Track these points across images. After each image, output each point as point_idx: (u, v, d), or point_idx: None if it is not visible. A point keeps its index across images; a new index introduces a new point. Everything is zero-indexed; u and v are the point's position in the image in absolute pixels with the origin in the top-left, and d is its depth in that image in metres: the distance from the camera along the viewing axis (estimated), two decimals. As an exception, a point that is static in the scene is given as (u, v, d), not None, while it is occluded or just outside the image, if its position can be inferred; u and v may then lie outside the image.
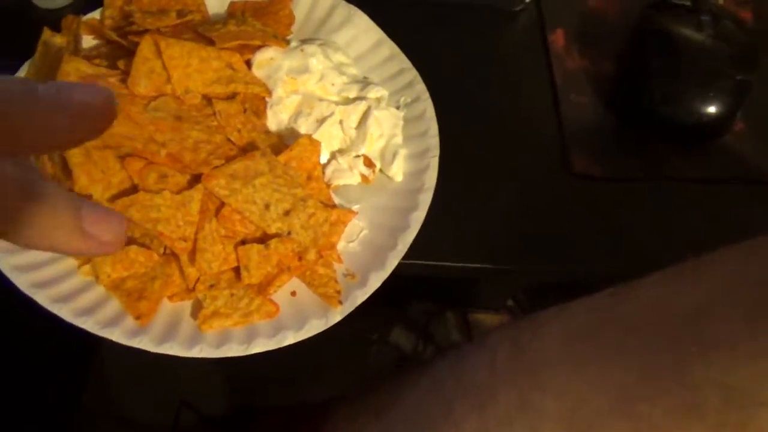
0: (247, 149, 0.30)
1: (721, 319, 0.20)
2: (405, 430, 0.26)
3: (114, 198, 0.27)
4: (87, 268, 0.28)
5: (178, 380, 0.51)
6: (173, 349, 0.27)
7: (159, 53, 0.29)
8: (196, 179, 0.28)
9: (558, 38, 0.39)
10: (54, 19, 0.34)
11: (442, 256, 0.32)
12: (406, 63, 0.35)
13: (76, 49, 0.32)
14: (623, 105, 0.37)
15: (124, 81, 0.29)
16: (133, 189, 0.28)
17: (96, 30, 0.34)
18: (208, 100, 0.30)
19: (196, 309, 0.28)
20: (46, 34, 0.33)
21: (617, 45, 0.38)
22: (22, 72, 0.33)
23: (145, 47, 0.29)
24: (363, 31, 0.36)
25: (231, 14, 0.35)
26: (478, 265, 0.32)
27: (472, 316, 0.59)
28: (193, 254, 0.28)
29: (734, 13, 0.39)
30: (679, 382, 0.20)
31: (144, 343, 0.27)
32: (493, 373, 0.24)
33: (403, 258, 0.30)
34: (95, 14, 0.35)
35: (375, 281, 0.29)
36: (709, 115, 0.34)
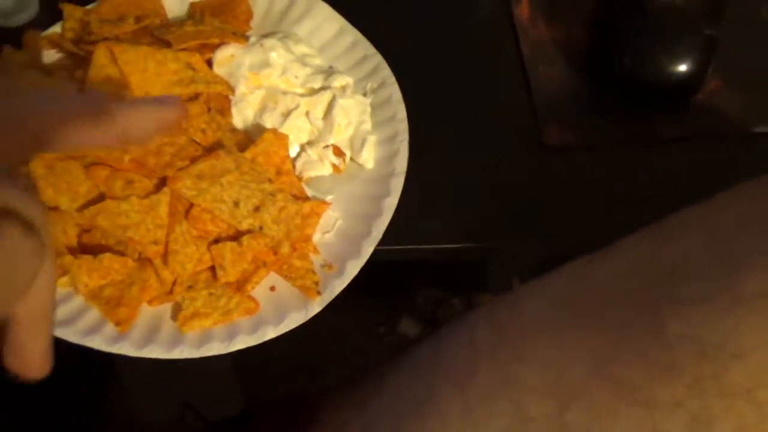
0: (213, 148, 0.30)
1: (693, 276, 0.20)
2: (388, 418, 0.26)
3: (81, 208, 0.28)
4: (65, 279, 0.28)
5: (184, 381, 0.52)
6: (154, 352, 0.27)
7: (114, 59, 0.29)
8: (162, 183, 0.28)
9: (523, 9, 0.39)
10: (15, 37, 0.34)
11: (418, 239, 0.32)
12: (370, 49, 0.35)
13: (36, 64, 0.32)
14: (594, 71, 0.36)
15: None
16: (101, 197, 0.28)
17: (56, 44, 0.34)
18: (169, 103, 0.30)
19: (176, 311, 0.28)
20: (6, 51, 0.33)
21: (583, 12, 0.38)
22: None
23: (100, 55, 0.29)
24: (325, 20, 0.36)
25: (189, 15, 0.35)
26: (456, 245, 0.32)
27: (477, 299, 0.59)
28: (165, 257, 0.28)
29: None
30: (655, 341, 0.20)
31: (125, 348, 0.27)
32: (473, 351, 0.24)
33: (379, 244, 0.30)
34: (56, 28, 0.35)
35: (352, 269, 0.29)
36: (681, 72, 0.34)
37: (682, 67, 0.34)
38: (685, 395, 0.19)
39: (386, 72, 0.34)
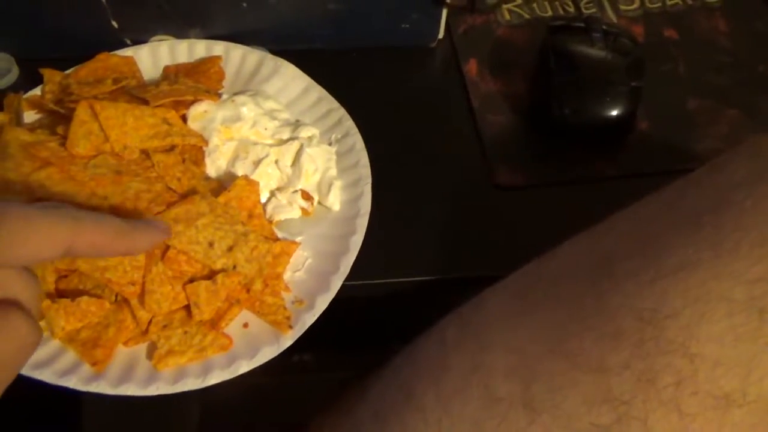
0: (188, 195, 0.32)
1: (625, 257, 0.24)
2: (372, 420, 0.27)
3: (61, 253, 0.29)
4: (41, 323, 0.29)
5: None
6: (130, 389, 0.28)
7: (95, 116, 0.31)
8: (140, 227, 0.30)
9: (472, 67, 0.43)
10: (-4, 100, 0.37)
11: (382, 274, 0.34)
12: (334, 104, 0.38)
13: (17, 123, 0.34)
14: (536, 118, 0.40)
15: (62, 144, 0.31)
16: (80, 243, 0.29)
17: (37, 104, 0.36)
18: (146, 154, 0.32)
19: (152, 350, 0.29)
20: (-12, 112, 0.35)
21: (525, 67, 0.42)
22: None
23: (82, 111, 0.31)
24: (291, 79, 0.39)
25: (165, 77, 0.38)
26: (419, 278, 0.34)
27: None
28: (142, 297, 0.29)
29: (626, 29, 0.44)
30: (600, 315, 0.23)
31: (101, 387, 0.27)
32: (444, 348, 0.26)
33: (347, 279, 0.32)
34: (36, 91, 0.37)
35: (322, 303, 0.31)
36: (610, 117, 0.38)
37: (612, 113, 0.38)
38: (630, 357, 0.22)
39: (349, 123, 0.37)
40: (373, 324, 0.42)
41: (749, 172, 0.24)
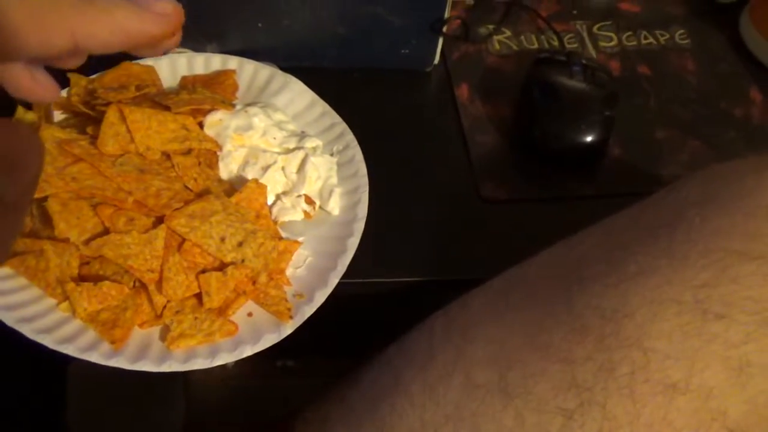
0: (203, 194, 0.35)
1: (593, 262, 0.28)
2: (363, 405, 0.31)
3: (89, 240, 0.32)
4: (65, 305, 0.32)
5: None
6: (146, 365, 0.31)
7: (123, 119, 0.34)
8: (159, 220, 0.33)
9: (463, 91, 0.47)
10: (25, 102, 0.39)
11: (376, 274, 0.37)
12: (336, 118, 0.42)
13: (49, 122, 0.37)
14: (519, 140, 0.44)
15: (93, 143, 0.34)
16: (105, 232, 0.32)
17: (64, 105, 0.39)
18: (167, 155, 0.35)
19: (164, 333, 0.32)
20: (20, 111, 0.38)
21: (511, 93, 0.46)
22: None
23: (111, 114, 0.34)
24: (298, 94, 0.43)
25: (183, 86, 0.41)
26: (409, 279, 0.38)
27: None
28: (160, 283, 0.32)
29: (603, 64, 0.48)
30: (569, 313, 0.27)
31: (120, 362, 0.30)
32: (431, 340, 0.30)
33: (343, 277, 0.35)
34: (62, 93, 0.40)
35: (320, 297, 0.34)
36: (585, 143, 0.42)
37: (587, 139, 0.42)
38: (593, 350, 0.26)
39: (350, 137, 0.41)
40: (362, 325, 0.45)
41: (701, 193, 0.28)
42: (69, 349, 0.30)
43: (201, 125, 0.38)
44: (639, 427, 0.25)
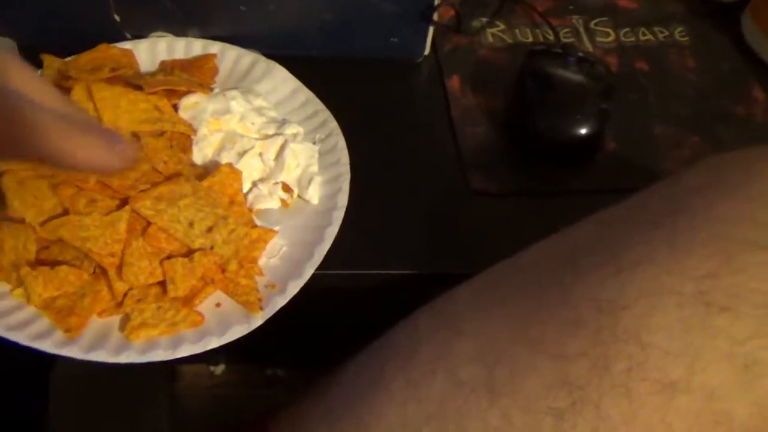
0: (173, 177, 0.33)
1: (588, 253, 0.25)
2: (342, 402, 0.28)
3: (46, 221, 0.30)
4: (19, 291, 0.30)
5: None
6: (101, 356, 0.28)
7: (90, 96, 0.33)
8: (123, 203, 0.31)
9: (454, 83, 0.45)
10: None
11: (357, 266, 0.35)
12: (320, 106, 0.40)
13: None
14: (511, 133, 0.42)
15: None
16: (64, 214, 0.30)
17: (35, 87, 0.38)
18: (136, 136, 0.34)
19: (125, 323, 0.30)
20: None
21: (503, 86, 0.44)
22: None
23: (78, 91, 0.32)
24: (281, 81, 0.41)
25: (161, 69, 0.40)
26: (389, 271, 0.35)
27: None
28: (120, 268, 0.30)
29: (600, 58, 0.47)
30: (563, 305, 0.25)
31: (73, 351, 0.28)
32: (415, 335, 0.28)
33: (320, 269, 0.33)
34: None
35: (293, 288, 0.32)
36: (579, 135, 0.40)
37: (582, 131, 0.40)
38: (588, 345, 0.23)
39: (333, 125, 0.39)
40: (349, 329, 0.43)
41: (705, 180, 0.26)
42: (19, 337, 0.28)
43: (176, 108, 0.36)
44: (635, 428, 0.22)
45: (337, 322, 0.43)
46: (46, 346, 0.28)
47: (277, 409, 0.35)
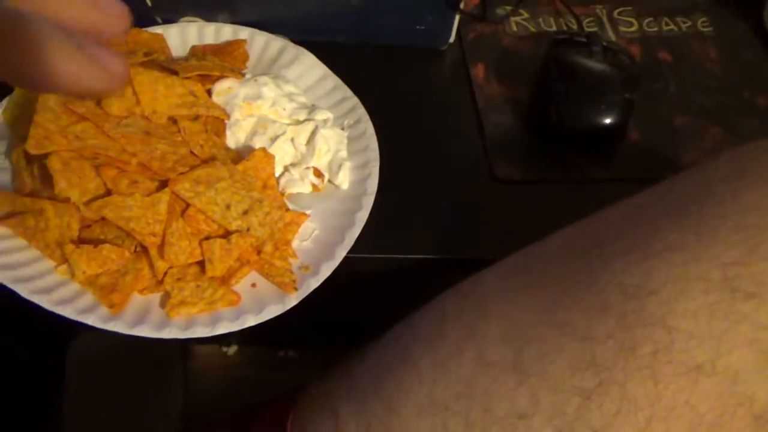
0: (209, 160, 0.34)
1: (615, 239, 0.26)
2: (368, 380, 0.29)
3: (90, 201, 0.31)
4: (63, 267, 0.31)
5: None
6: (144, 331, 0.29)
7: (129, 81, 0.33)
8: (163, 184, 0.32)
9: (479, 71, 0.46)
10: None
11: (385, 250, 0.36)
12: (348, 92, 0.41)
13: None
14: (535, 121, 0.43)
15: (97, 104, 0.33)
16: (108, 194, 0.31)
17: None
18: (173, 120, 0.34)
19: (165, 300, 0.31)
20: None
21: (528, 74, 0.45)
22: (2, 107, 0.36)
23: (118, 75, 0.33)
24: (310, 68, 0.42)
25: (192, 54, 0.40)
26: (419, 256, 0.36)
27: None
28: (161, 248, 0.31)
29: (624, 47, 0.47)
30: (589, 290, 0.25)
31: (118, 326, 0.29)
32: (442, 318, 0.29)
33: (351, 252, 0.34)
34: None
35: (326, 270, 0.33)
36: (603, 125, 0.40)
37: (606, 121, 0.41)
38: (614, 328, 0.24)
39: (362, 111, 0.40)
40: (368, 310, 0.44)
41: (731, 169, 0.27)
42: (66, 311, 0.29)
43: (209, 93, 0.37)
44: (660, 409, 0.23)
45: (362, 304, 0.44)
46: (92, 320, 0.29)
47: (297, 393, 0.36)
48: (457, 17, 0.45)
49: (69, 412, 0.51)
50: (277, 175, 0.36)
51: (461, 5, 0.44)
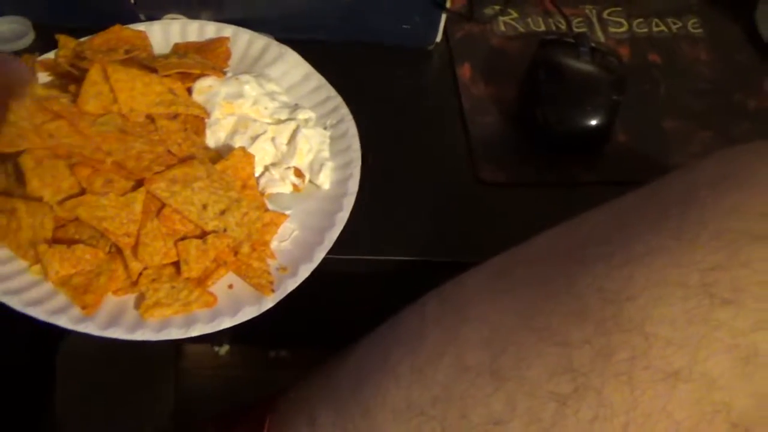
0: (187, 160, 0.33)
1: (597, 243, 0.26)
2: (348, 385, 0.29)
3: (63, 200, 0.30)
4: (36, 267, 0.31)
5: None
6: (117, 333, 0.29)
7: (107, 78, 0.33)
8: (139, 184, 0.32)
9: (465, 71, 0.45)
10: (12, 60, 0.38)
11: (366, 251, 0.36)
12: (332, 92, 0.40)
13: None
14: (521, 123, 0.42)
15: (73, 101, 0.32)
16: (81, 193, 0.31)
17: (50, 67, 0.38)
18: (151, 119, 0.34)
19: (139, 301, 0.31)
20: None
21: (515, 75, 0.44)
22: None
23: (94, 72, 0.33)
24: (293, 66, 0.41)
25: (174, 52, 0.40)
26: (400, 258, 0.36)
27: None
28: (136, 248, 0.31)
29: (612, 49, 0.47)
30: (569, 294, 0.25)
31: (89, 328, 0.29)
32: (423, 321, 0.28)
33: (330, 253, 0.34)
34: (49, 55, 0.39)
35: (304, 272, 0.33)
36: (589, 127, 0.40)
37: (592, 123, 0.40)
38: (592, 333, 0.24)
39: (345, 111, 0.39)
40: (354, 312, 0.44)
41: (715, 173, 0.26)
42: (36, 312, 0.29)
43: (189, 91, 0.37)
44: (636, 416, 0.23)
45: (343, 305, 0.43)
46: (63, 321, 0.29)
47: (276, 397, 0.35)
48: (444, 16, 0.45)
49: (59, 412, 0.51)
50: (257, 174, 0.36)
51: (448, 4, 0.44)
